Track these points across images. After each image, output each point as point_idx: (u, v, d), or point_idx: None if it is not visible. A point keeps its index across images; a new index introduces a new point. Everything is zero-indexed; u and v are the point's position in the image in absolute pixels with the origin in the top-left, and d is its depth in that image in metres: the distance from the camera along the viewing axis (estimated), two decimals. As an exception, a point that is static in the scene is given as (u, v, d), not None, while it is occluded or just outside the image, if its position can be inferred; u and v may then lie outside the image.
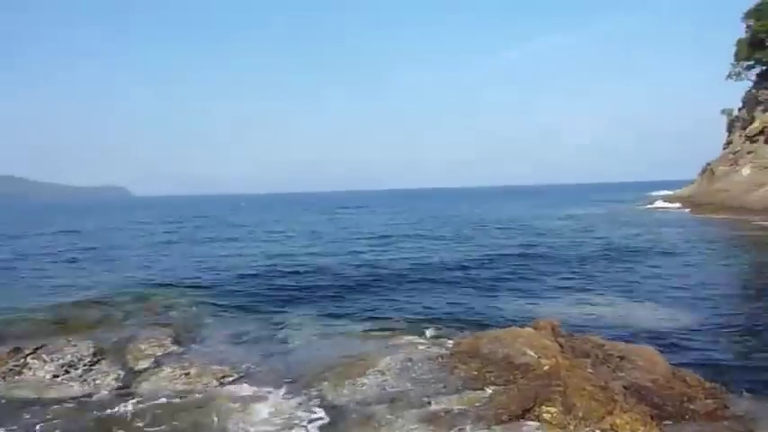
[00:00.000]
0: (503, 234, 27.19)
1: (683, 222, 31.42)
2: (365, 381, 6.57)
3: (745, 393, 6.54)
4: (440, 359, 6.98)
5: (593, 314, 10.18)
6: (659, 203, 46.37)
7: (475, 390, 6.02)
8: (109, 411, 6.31)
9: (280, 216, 51.01)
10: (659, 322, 9.78)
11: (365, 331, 9.16)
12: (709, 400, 5.85)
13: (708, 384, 6.34)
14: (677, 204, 43.09)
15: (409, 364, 7.09)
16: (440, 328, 8.91)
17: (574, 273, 15.13)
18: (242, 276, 15.21)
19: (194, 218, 49.71)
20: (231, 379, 7.15)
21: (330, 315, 10.54)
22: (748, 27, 42.15)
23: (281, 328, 9.62)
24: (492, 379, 6.15)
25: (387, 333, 8.86)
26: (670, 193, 52.70)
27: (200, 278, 15.02)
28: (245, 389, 6.81)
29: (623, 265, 16.43)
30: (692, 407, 5.66)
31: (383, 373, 6.76)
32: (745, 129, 42.22)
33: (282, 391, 6.64)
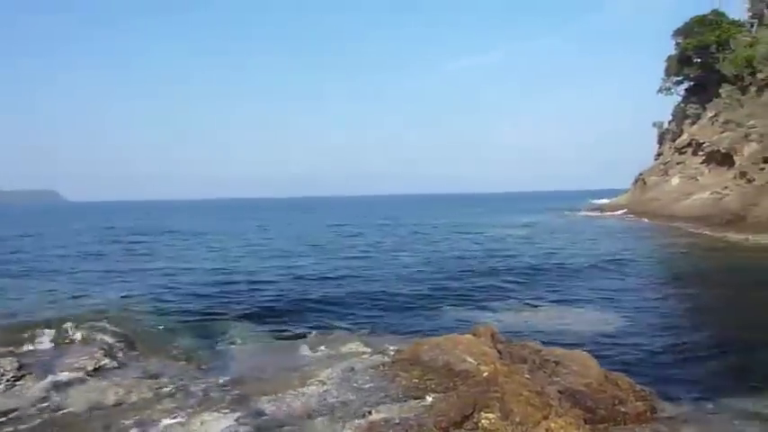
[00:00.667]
0: (443, 243, 27.52)
1: (619, 230, 32.69)
2: (306, 392, 6.49)
3: (673, 395, 6.87)
4: (381, 368, 6.97)
5: (532, 320, 10.45)
6: (596, 212, 48.06)
7: (415, 398, 6.04)
8: (31, 425, 6.01)
9: (211, 225, 49.93)
10: (595, 326, 10.13)
11: (306, 343, 9.05)
12: (639, 403, 6.08)
13: (638, 387, 6.60)
14: (613, 212, 44.77)
15: (351, 373, 7.06)
16: (382, 337, 8.93)
17: (514, 280, 15.44)
18: (176, 289, 14.77)
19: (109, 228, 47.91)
20: (165, 392, 6.92)
21: (271, 328, 10.35)
22: (677, 44, 44.46)
23: (219, 342, 9.39)
24: (432, 386, 6.18)
25: (329, 344, 8.79)
26: (606, 201, 54.80)
27: (133, 291, 14.48)
28: (180, 404, 6.60)
29: (561, 271, 16.92)
30: (622, 409, 5.86)
31: (324, 384, 6.69)
32: (674, 141, 44.45)
33: (219, 405, 6.48)
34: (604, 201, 56.05)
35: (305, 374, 6.99)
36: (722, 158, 35.08)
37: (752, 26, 40.45)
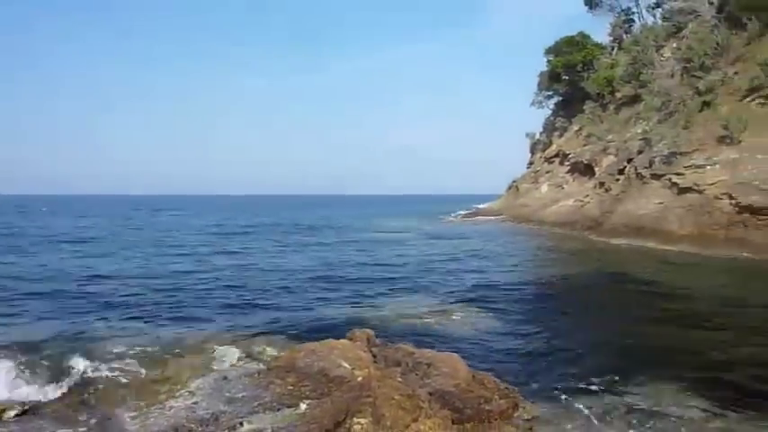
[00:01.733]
0: (325, 244, 27.55)
1: (495, 233, 34.46)
2: (173, 405, 6.20)
3: (536, 392, 7.36)
4: (256, 375, 6.84)
5: (407, 322, 10.71)
6: (472, 216, 50.26)
7: (290, 406, 5.98)
8: None
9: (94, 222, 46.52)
10: (468, 326, 10.60)
11: (176, 350, 8.60)
12: (503, 401, 6.43)
13: (503, 386, 6.98)
14: (488, 217, 47.06)
15: (223, 382, 6.85)
16: (258, 343, 8.74)
17: (393, 282, 15.73)
18: (32, 290, 13.56)
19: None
20: (13, 414, 6.29)
21: (136, 333, 9.76)
22: (548, 61, 47.77)
23: (80, 342, 8.70)
24: (307, 393, 6.16)
25: (200, 351, 8.43)
26: (483, 206, 57.57)
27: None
28: (33, 423, 6.04)
29: (439, 273, 17.49)
30: (488, 408, 6.17)
31: (194, 395, 6.44)
32: (544, 151, 47.71)
33: (78, 419, 6.01)
34: (480, 205, 58.92)
35: (173, 385, 6.68)
36: (585, 169, 38.17)
37: (612, 49, 44.39)
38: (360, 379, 6.11)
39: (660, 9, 42.17)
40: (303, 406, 5.87)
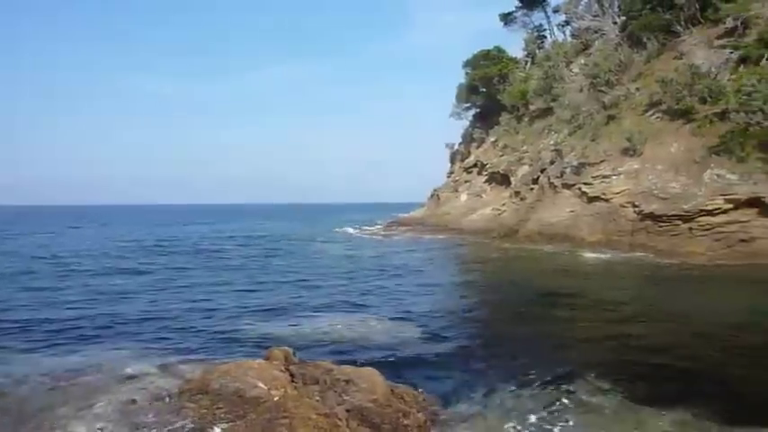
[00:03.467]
0: (236, 257, 26.97)
1: (417, 242, 34.89)
2: (76, 431, 5.82)
3: (454, 400, 7.46)
4: (167, 399, 6.54)
5: (329, 337, 10.60)
6: (395, 225, 50.63)
7: (203, 430, 5.76)
8: None
9: None
10: (388, 337, 10.62)
11: (79, 371, 8.05)
12: (420, 414, 6.48)
13: (421, 398, 7.05)
14: (412, 226, 47.52)
15: (132, 407, 6.51)
16: (170, 363, 8.36)
17: (314, 298, 15.50)
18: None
19: None
20: None
21: (42, 353, 9.12)
22: (467, 74, 49.15)
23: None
24: (222, 416, 5.95)
25: (107, 372, 7.95)
26: (405, 215, 58.23)
27: None
28: None
29: (361, 286, 17.40)
30: (405, 422, 6.20)
31: (98, 420, 6.07)
32: (463, 161, 48.96)
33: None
34: (403, 215, 59.58)
35: (75, 411, 6.26)
36: (501, 179, 39.49)
37: (526, 64, 46.30)
38: (276, 399, 5.97)
39: (569, 27, 44.56)
40: (218, 430, 5.67)
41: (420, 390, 7.34)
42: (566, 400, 7.24)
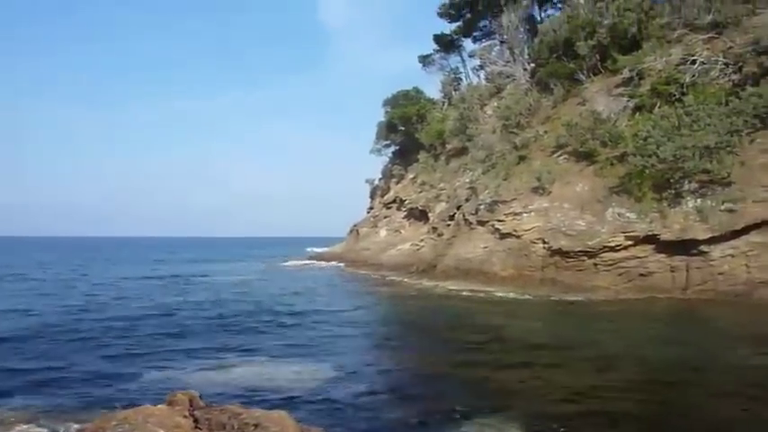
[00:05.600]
0: (135, 295, 25.70)
1: (335, 278, 34.66)
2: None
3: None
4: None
5: (238, 379, 10.19)
6: (312, 261, 50.25)
7: (94, 484, 5.29)
8: None
9: None
10: (300, 379, 10.34)
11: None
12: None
13: (334, 439, 6.85)
14: (329, 261, 47.32)
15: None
16: (60, 412, 7.71)
17: (223, 337, 14.91)
18: None
19: None
20: None
21: None
22: (386, 112, 50.20)
23: None
24: (116, 468, 5.50)
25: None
26: (325, 249, 57.93)
27: None
28: None
29: (273, 325, 16.92)
30: (316, 466, 5.97)
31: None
32: (383, 197, 49.55)
33: None
34: (323, 249, 59.26)
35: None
36: (420, 214, 40.21)
37: (443, 104, 47.92)
38: (178, 447, 5.60)
39: (483, 71, 46.67)
40: (109, 484, 5.22)
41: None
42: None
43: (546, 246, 24.63)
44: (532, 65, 36.72)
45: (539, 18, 42.22)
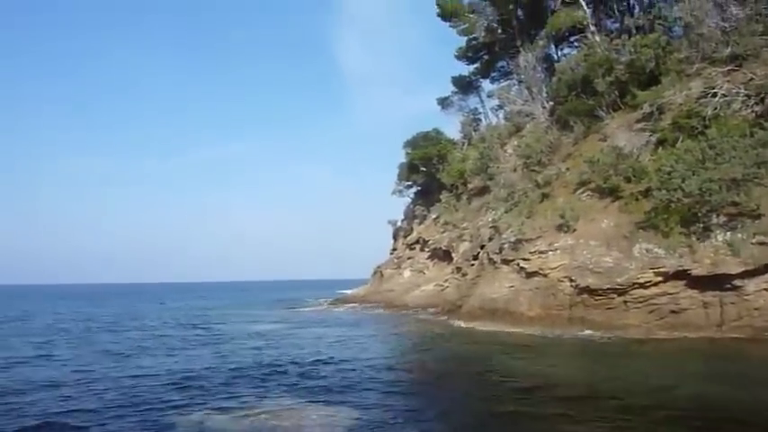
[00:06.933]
0: (179, 344, 25.75)
1: (363, 321, 34.26)
2: None
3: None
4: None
5: (258, 423, 10.04)
6: (338, 303, 50.01)
7: None
8: None
9: None
10: (325, 425, 10.17)
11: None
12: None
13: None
14: (354, 304, 47.10)
15: None
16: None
17: (248, 381, 14.81)
18: None
19: None
20: None
21: None
22: (407, 154, 50.68)
23: None
24: None
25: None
26: (349, 291, 57.77)
27: None
28: None
29: (298, 366, 16.72)
30: None
31: None
32: (406, 237, 49.55)
33: None
34: (347, 291, 59.09)
35: None
36: (443, 254, 40.05)
37: (463, 144, 48.25)
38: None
39: (503, 110, 47.09)
40: None
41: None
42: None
43: (573, 284, 24.20)
44: (551, 103, 36.93)
45: (555, 57, 42.73)
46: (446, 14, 46.00)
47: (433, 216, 45.21)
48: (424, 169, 48.47)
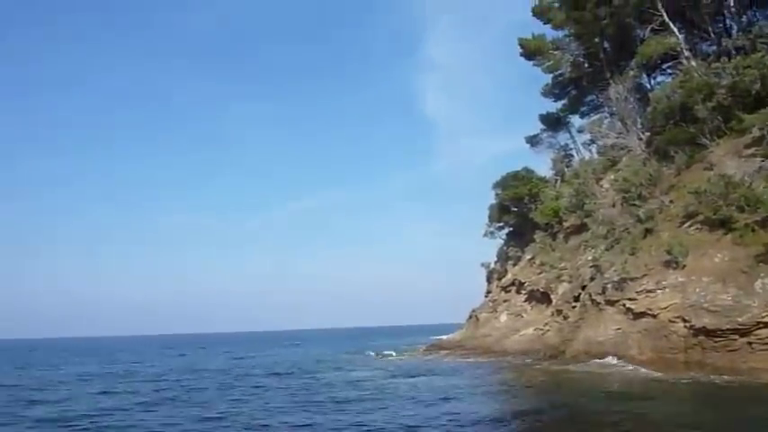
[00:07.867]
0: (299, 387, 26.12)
1: (457, 367, 33.51)
2: None
3: None
4: None
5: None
6: (433, 350, 49.18)
7: None
8: None
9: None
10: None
11: None
12: None
13: None
14: (450, 349, 46.06)
15: None
16: None
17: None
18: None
19: None
20: None
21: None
22: (497, 195, 49.96)
23: None
24: None
25: None
26: (444, 337, 56.78)
27: None
28: None
29: (399, 418, 16.54)
30: None
31: None
32: (500, 280, 48.34)
33: None
34: (442, 337, 58.08)
35: None
36: (541, 296, 38.60)
37: (556, 182, 46.98)
38: None
39: (595, 145, 45.64)
40: None
41: None
42: None
43: (687, 324, 22.50)
44: (647, 134, 35.36)
45: (648, 86, 41.13)
46: (529, 53, 45.76)
47: (528, 257, 43.90)
48: (516, 209, 47.49)
